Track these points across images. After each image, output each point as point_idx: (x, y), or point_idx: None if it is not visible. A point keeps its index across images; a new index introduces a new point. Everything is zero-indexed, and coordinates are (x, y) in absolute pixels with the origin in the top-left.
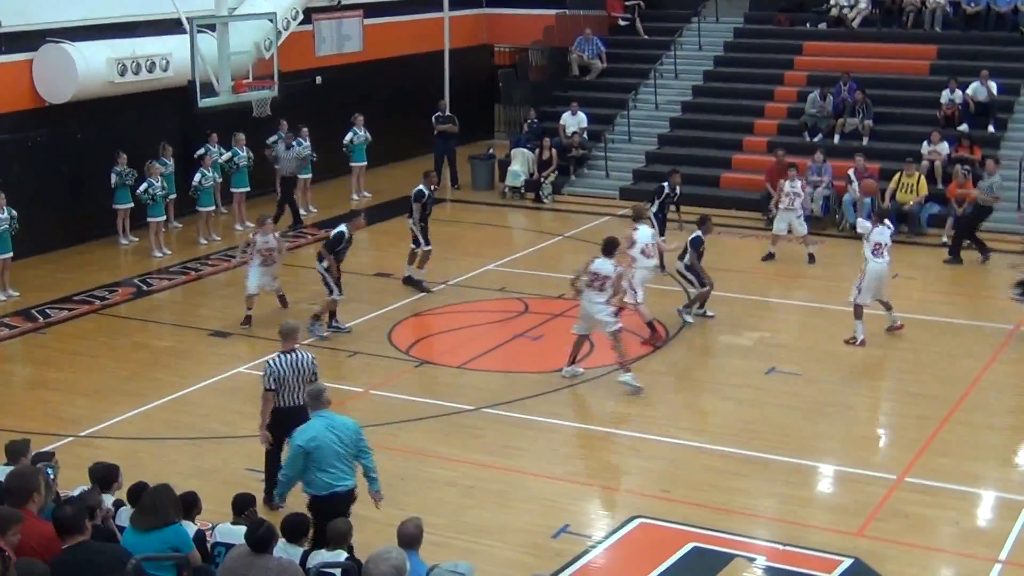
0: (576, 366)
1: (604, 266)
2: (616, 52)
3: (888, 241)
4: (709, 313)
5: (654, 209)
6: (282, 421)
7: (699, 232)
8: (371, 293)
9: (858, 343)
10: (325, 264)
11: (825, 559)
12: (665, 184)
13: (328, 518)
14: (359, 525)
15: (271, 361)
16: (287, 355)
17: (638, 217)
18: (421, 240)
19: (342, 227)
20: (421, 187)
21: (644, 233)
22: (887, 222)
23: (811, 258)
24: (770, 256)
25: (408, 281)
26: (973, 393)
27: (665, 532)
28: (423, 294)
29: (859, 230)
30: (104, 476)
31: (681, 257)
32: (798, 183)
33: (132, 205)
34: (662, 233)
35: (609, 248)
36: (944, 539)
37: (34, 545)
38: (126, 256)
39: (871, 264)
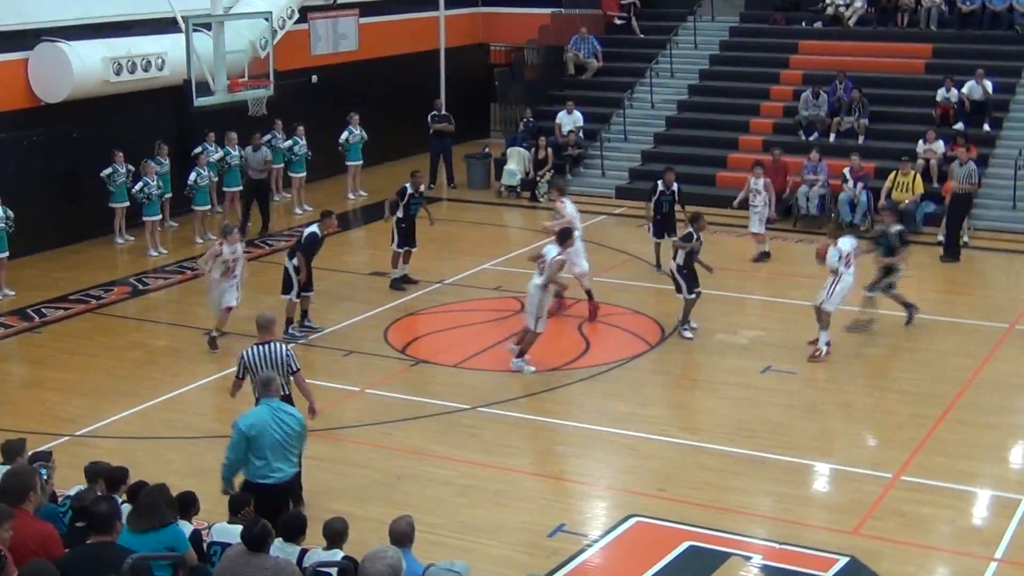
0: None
1: (549, 251)
2: (612, 51)
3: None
4: (694, 325)
5: (650, 208)
6: None
7: (691, 230)
8: (367, 292)
9: (823, 354)
10: (295, 262)
11: (821, 558)
12: (659, 182)
13: (262, 505)
14: (354, 525)
15: (244, 351)
16: (261, 346)
17: (560, 192)
18: (397, 239)
19: (313, 227)
20: (405, 185)
21: (570, 207)
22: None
23: (764, 255)
24: (764, 255)
25: (394, 285)
26: (969, 391)
27: (661, 531)
28: (418, 292)
29: (832, 262)
30: (114, 476)
31: (674, 256)
32: (761, 181)
33: (128, 204)
34: (661, 233)
35: (561, 237)
36: (940, 537)
37: (31, 545)
38: (122, 255)
39: (845, 277)
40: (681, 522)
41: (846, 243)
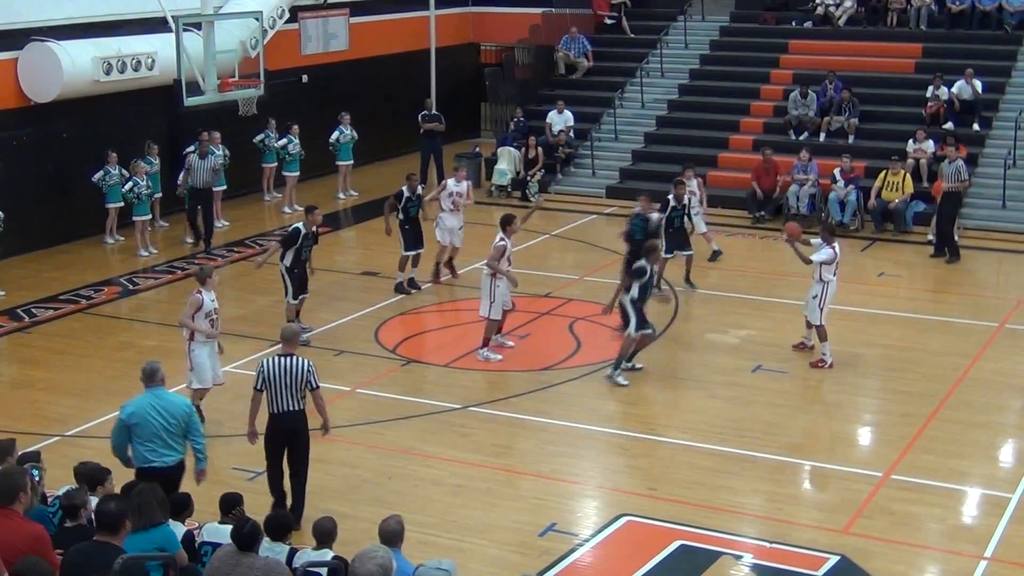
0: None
1: (496, 240)
2: (602, 51)
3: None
4: (638, 366)
5: (663, 224)
6: (274, 426)
7: (643, 262)
8: (358, 292)
9: (828, 365)
10: (286, 262)
11: (811, 556)
12: (670, 197)
13: None
14: (345, 525)
15: (263, 361)
16: (282, 358)
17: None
18: (403, 243)
19: (298, 224)
20: (402, 188)
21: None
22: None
23: (714, 254)
24: (717, 253)
25: (398, 288)
26: (959, 390)
27: (652, 530)
28: (413, 291)
29: (821, 257)
30: (93, 476)
31: (627, 289)
32: (694, 182)
33: (122, 204)
34: (671, 249)
35: (503, 222)
36: (930, 536)
37: (21, 546)
38: (112, 255)
39: (832, 285)
40: (672, 521)
41: (827, 252)
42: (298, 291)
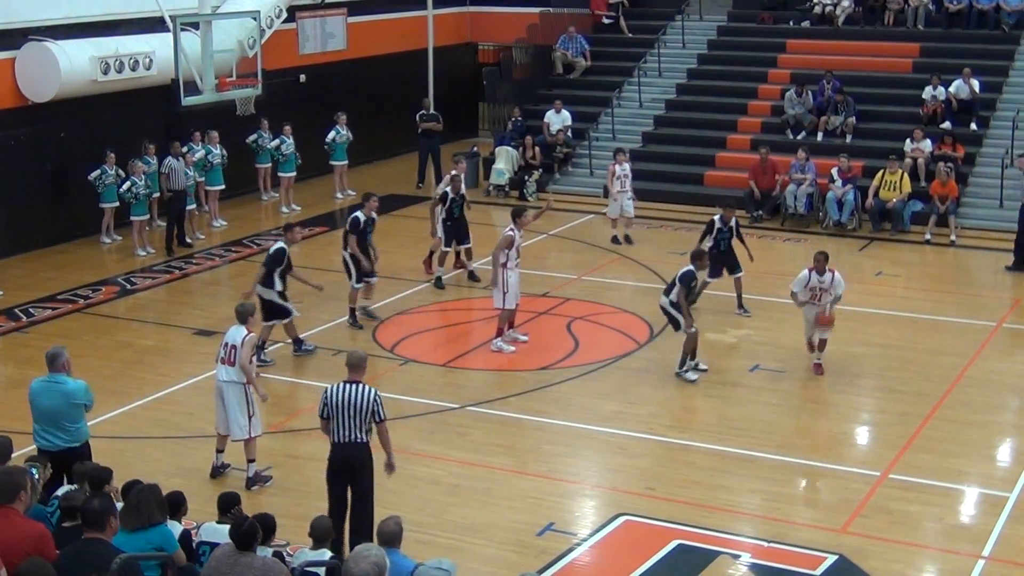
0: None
1: (505, 231)
2: (600, 50)
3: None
4: (702, 366)
5: (709, 244)
6: (337, 456)
7: (691, 267)
8: None
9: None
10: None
11: (809, 556)
12: (717, 218)
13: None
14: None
15: (327, 388)
16: (347, 386)
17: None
18: (444, 238)
19: (280, 243)
20: (446, 190)
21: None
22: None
23: (628, 239)
24: (616, 241)
25: (438, 283)
26: (956, 390)
27: (650, 529)
28: (407, 291)
29: (797, 289)
30: (94, 477)
31: (667, 292)
32: (627, 166)
33: (118, 204)
34: (718, 272)
35: (514, 214)
36: (928, 535)
37: (24, 546)
38: (109, 255)
39: (808, 307)
40: (670, 521)
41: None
42: (273, 316)
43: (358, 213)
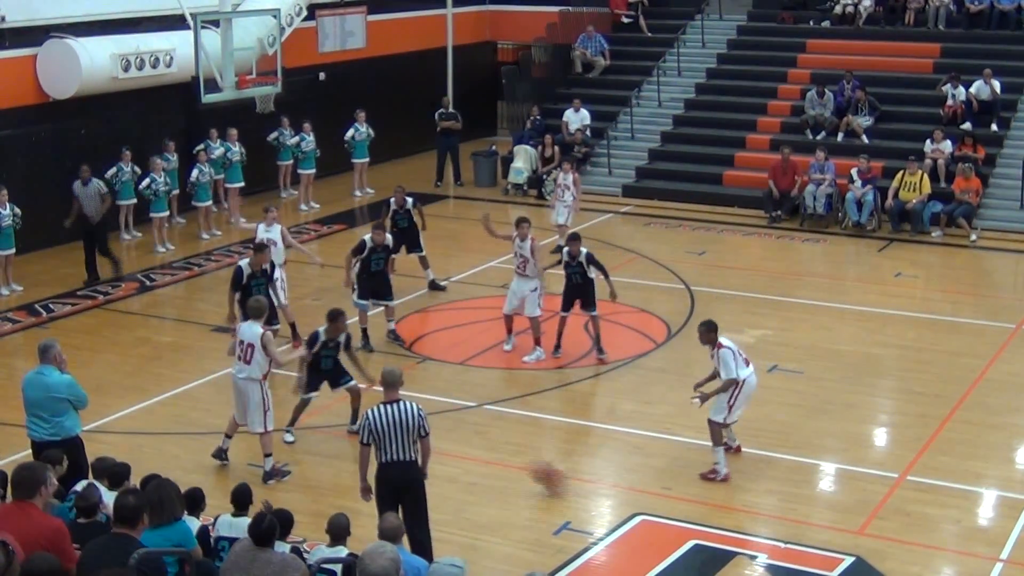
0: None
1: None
2: (619, 49)
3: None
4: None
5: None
6: (387, 475)
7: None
8: None
9: (721, 478)
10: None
11: (826, 557)
12: (565, 251)
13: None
14: (359, 521)
15: (368, 413)
16: (389, 407)
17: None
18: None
19: (240, 262)
20: (365, 239)
21: None
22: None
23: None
24: (560, 249)
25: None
26: (975, 392)
27: (666, 529)
28: (424, 289)
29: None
30: (115, 473)
31: None
32: (570, 175)
33: (135, 201)
34: (568, 306)
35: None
36: (945, 538)
37: (42, 541)
38: (129, 251)
39: (751, 378)
40: (686, 521)
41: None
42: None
43: (365, 237)
